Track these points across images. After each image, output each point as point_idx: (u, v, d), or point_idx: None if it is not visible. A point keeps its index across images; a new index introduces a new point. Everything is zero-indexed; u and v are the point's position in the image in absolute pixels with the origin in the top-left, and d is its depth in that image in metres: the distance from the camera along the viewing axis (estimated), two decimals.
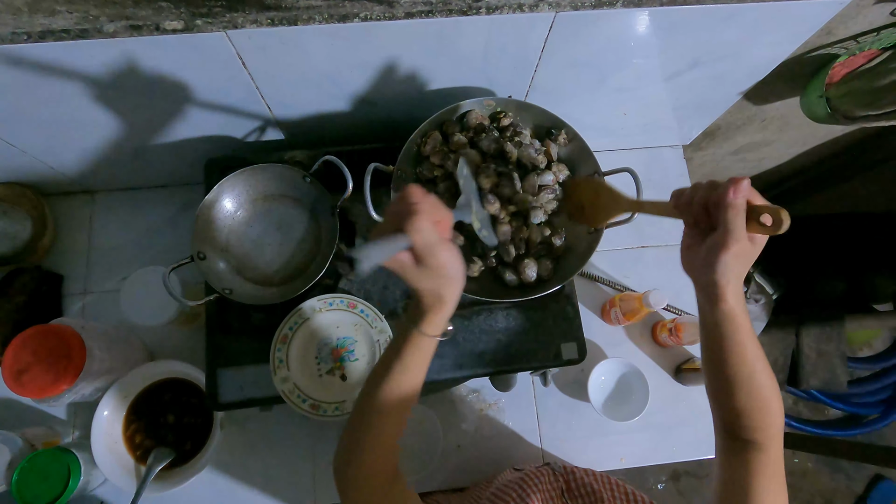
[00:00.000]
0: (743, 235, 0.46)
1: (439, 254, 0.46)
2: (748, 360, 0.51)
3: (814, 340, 1.69)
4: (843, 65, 0.85)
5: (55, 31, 0.60)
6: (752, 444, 0.53)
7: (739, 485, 0.52)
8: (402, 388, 0.54)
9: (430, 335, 0.52)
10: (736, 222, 0.45)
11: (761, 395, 0.52)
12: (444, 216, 0.48)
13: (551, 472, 0.70)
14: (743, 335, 0.50)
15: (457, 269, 0.49)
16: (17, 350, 0.76)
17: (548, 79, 0.82)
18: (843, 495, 1.88)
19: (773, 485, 0.52)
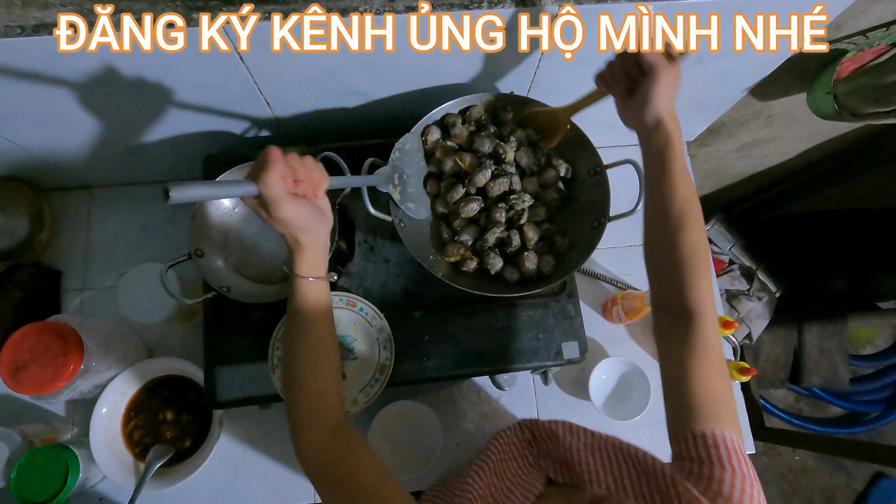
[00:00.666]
0: (665, 63, 0.57)
1: (282, 207, 0.49)
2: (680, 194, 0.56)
3: (816, 338, 1.68)
4: (852, 60, 0.84)
5: (49, 24, 0.59)
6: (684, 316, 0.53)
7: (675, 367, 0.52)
8: (307, 334, 0.57)
9: (301, 276, 0.56)
10: (657, 56, 0.57)
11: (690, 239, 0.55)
12: (314, 178, 0.53)
13: (518, 427, 0.73)
14: (678, 166, 0.57)
15: (304, 220, 0.52)
16: (14, 347, 0.75)
17: (550, 74, 0.81)
18: (843, 493, 1.88)
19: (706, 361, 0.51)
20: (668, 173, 0.57)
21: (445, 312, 0.80)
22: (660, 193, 0.57)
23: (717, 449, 0.47)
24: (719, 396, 0.50)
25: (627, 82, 0.61)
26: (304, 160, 0.53)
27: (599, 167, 0.77)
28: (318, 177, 0.54)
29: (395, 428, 0.91)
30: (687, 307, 0.54)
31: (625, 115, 0.63)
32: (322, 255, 0.58)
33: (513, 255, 0.76)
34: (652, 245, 0.59)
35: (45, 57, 0.63)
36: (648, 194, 0.60)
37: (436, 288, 0.81)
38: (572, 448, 0.61)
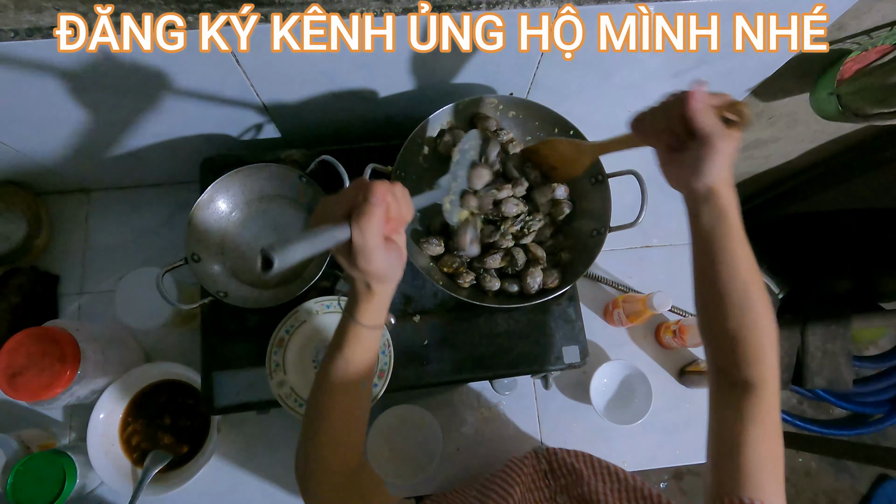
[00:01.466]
0: (724, 132, 0.47)
1: (374, 260, 0.44)
2: (741, 274, 0.49)
3: (819, 339, 1.67)
4: (855, 61, 0.83)
5: (43, 28, 0.58)
6: (745, 387, 0.50)
7: (731, 434, 0.48)
8: (347, 379, 0.52)
9: (363, 325, 0.51)
10: (713, 123, 0.47)
11: (754, 315, 0.50)
12: (402, 214, 0.47)
13: (535, 456, 0.70)
14: (737, 243, 0.49)
15: (390, 271, 0.48)
16: (10, 352, 0.75)
17: (550, 76, 0.80)
18: (847, 495, 1.87)
19: (767, 433, 0.48)
20: (725, 252, 0.49)
21: (445, 317, 0.79)
22: (714, 276, 0.50)
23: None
24: (772, 467, 0.48)
25: (670, 140, 0.51)
26: (396, 190, 0.46)
27: (601, 175, 0.77)
28: (406, 212, 0.47)
29: (394, 433, 0.91)
30: (750, 380, 0.50)
31: (667, 173, 0.53)
32: (388, 302, 0.52)
33: (516, 273, 0.76)
34: (708, 325, 0.53)
35: (41, 61, 0.62)
36: (700, 274, 0.52)
37: (435, 292, 0.80)
38: (598, 492, 0.58)
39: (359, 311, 0.50)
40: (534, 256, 0.75)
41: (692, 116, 0.47)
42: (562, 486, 0.64)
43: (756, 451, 0.47)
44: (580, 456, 0.68)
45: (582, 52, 0.74)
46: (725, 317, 0.50)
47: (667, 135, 0.50)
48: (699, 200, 0.50)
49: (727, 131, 0.47)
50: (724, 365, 0.52)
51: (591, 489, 0.59)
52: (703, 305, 0.53)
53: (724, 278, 0.49)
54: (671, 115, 0.49)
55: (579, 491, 0.60)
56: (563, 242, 0.78)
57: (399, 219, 0.47)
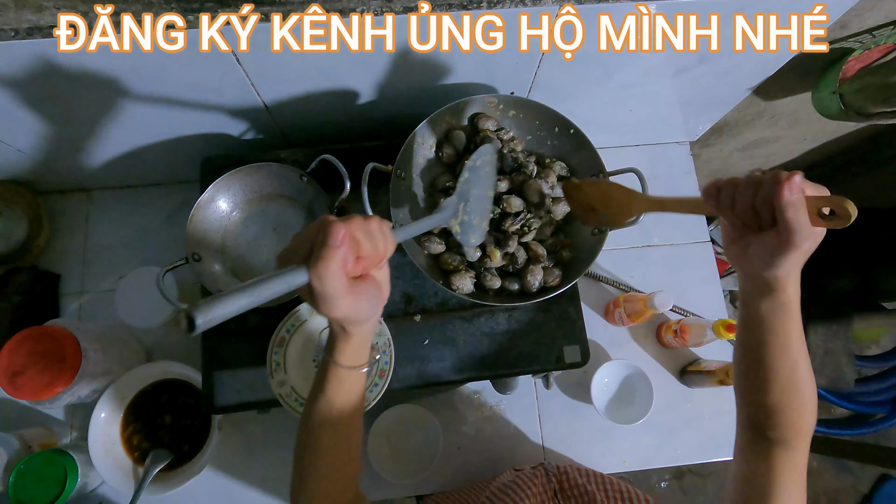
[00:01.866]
0: (810, 232, 0.42)
1: (338, 307, 0.40)
2: (791, 353, 0.48)
3: (820, 338, 1.66)
4: (858, 59, 0.83)
5: (43, 27, 0.58)
6: (780, 443, 0.50)
7: (762, 484, 0.49)
8: (331, 419, 0.50)
9: (342, 366, 0.48)
10: (800, 220, 0.42)
11: (799, 391, 0.49)
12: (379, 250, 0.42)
13: (544, 473, 0.69)
14: (792, 326, 0.47)
15: (361, 314, 0.43)
16: (11, 352, 0.75)
17: (551, 75, 0.80)
18: (848, 495, 1.87)
19: (796, 485, 0.49)
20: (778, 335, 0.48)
21: (445, 316, 0.79)
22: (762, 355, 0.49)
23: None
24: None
25: (747, 220, 0.46)
26: (369, 226, 0.41)
27: (602, 174, 0.76)
28: (383, 247, 0.43)
29: (395, 432, 0.91)
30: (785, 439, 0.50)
31: (731, 252, 0.49)
32: (368, 342, 0.49)
33: (517, 271, 0.76)
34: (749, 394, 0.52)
35: (42, 60, 0.62)
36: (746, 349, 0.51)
37: (435, 291, 0.80)
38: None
39: (337, 351, 0.48)
40: (534, 255, 0.75)
41: (783, 208, 0.42)
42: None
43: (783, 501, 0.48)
44: (592, 477, 0.66)
45: (582, 50, 0.74)
46: (769, 391, 0.49)
47: (749, 216, 0.45)
48: (762, 289, 0.47)
49: (813, 231, 0.43)
50: (760, 425, 0.51)
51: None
52: (745, 376, 0.52)
53: (773, 357, 0.48)
54: (757, 196, 0.44)
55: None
56: (564, 241, 0.78)
57: (375, 255, 0.42)
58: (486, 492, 0.70)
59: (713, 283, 1.04)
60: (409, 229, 0.51)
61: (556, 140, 0.80)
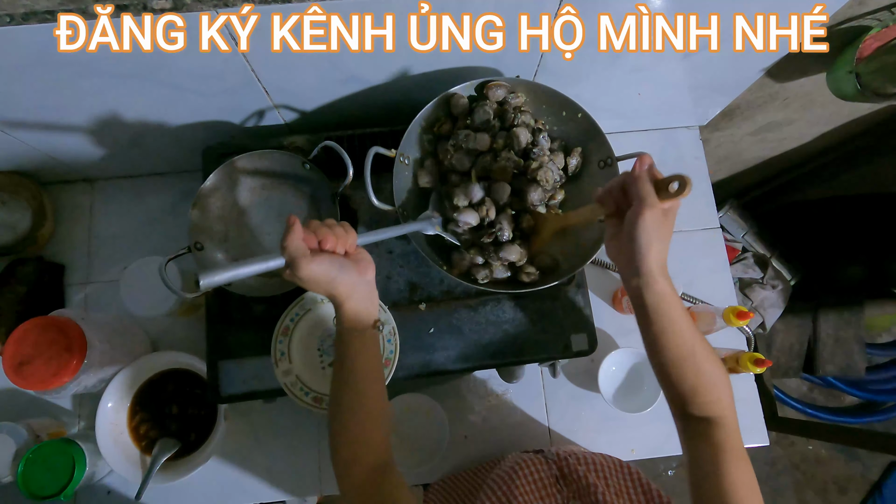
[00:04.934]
0: (654, 201, 0.51)
1: (302, 266, 0.50)
2: (687, 338, 0.54)
3: (832, 326, 1.64)
4: (876, 37, 0.80)
5: (38, 12, 0.57)
6: (709, 421, 0.55)
7: (708, 464, 0.53)
8: (352, 383, 0.57)
9: (349, 328, 0.56)
10: (644, 189, 0.51)
11: (706, 369, 0.55)
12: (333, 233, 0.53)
13: (544, 461, 0.69)
14: (677, 313, 0.54)
15: (329, 274, 0.52)
16: (17, 342, 0.75)
17: (557, 59, 0.78)
18: (857, 483, 1.86)
19: (737, 459, 0.53)
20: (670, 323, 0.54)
21: (451, 304, 0.78)
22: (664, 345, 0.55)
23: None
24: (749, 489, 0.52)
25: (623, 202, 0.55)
26: (326, 221, 0.54)
27: (610, 159, 0.75)
28: (341, 232, 0.54)
29: (401, 421, 0.90)
30: (711, 417, 0.55)
31: (610, 246, 0.58)
32: (364, 305, 0.57)
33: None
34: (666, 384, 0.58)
35: (42, 49, 0.61)
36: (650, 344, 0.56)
37: (440, 279, 0.79)
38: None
39: (337, 316, 0.57)
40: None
41: (632, 182, 0.52)
42: (574, 491, 0.63)
43: (736, 483, 0.51)
44: (592, 464, 0.67)
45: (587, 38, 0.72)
46: (680, 377, 0.55)
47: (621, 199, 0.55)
48: (640, 286, 0.53)
49: (655, 200, 0.51)
50: (687, 408, 0.57)
51: (605, 500, 0.59)
52: (658, 369, 0.58)
53: (673, 345, 0.54)
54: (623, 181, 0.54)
55: (592, 500, 0.60)
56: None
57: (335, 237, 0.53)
58: (490, 476, 0.70)
59: (723, 270, 1.02)
60: (376, 233, 0.61)
61: (563, 125, 0.79)
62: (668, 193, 0.51)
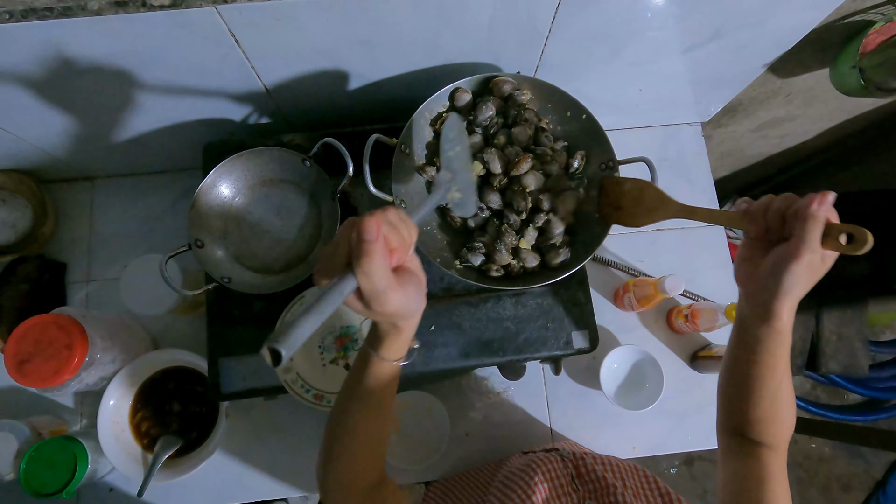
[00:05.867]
0: (817, 247, 0.44)
1: (390, 301, 0.40)
2: (778, 374, 0.51)
3: (835, 324, 1.64)
4: (880, 32, 0.79)
5: (37, 9, 0.57)
6: (764, 445, 0.54)
7: (752, 481, 0.52)
8: (366, 410, 0.51)
9: (388, 360, 0.49)
10: (813, 233, 0.44)
11: (781, 407, 0.53)
12: (405, 238, 0.42)
13: (560, 458, 0.68)
14: (782, 351, 0.50)
15: (411, 306, 0.44)
16: (18, 340, 0.75)
17: (558, 53, 0.77)
18: (861, 481, 1.85)
19: (783, 483, 0.52)
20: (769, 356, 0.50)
21: (451, 302, 0.78)
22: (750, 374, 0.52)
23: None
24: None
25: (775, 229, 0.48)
26: (389, 216, 0.41)
27: (612, 162, 0.74)
28: (407, 234, 0.43)
29: (402, 419, 0.90)
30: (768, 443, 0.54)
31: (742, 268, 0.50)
32: (412, 334, 0.49)
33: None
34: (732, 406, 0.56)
35: (41, 46, 0.61)
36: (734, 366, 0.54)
37: (441, 276, 0.79)
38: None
39: (383, 347, 0.48)
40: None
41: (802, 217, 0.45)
42: (590, 491, 0.62)
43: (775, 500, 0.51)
44: (609, 466, 0.65)
45: (591, 27, 0.71)
46: (754, 405, 0.53)
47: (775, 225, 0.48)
48: (761, 314, 0.48)
49: (818, 246, 0.44)
50: (742, 431, 0.55)
51: (625, 501, 0.58)
52: (732, 388, 0.55)
53: (762, 377, 0.51)
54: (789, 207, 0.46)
55: (611, 500, 0.59)
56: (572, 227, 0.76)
57: (403, 245, 0.42)
58: (498, 477, 0.69)
59: (725, 266, 1.02)
60: (422, 211, 0.51)
61: (567, 125, 0.78)
62: (835, 243, 0.44)
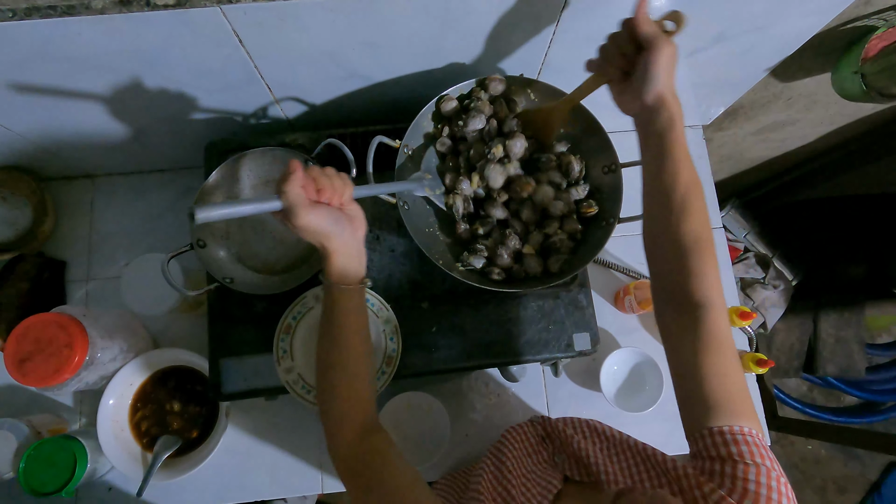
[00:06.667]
0: (663, 35, 0.53)
1: (301, 214, 0.49)
2: (683, 178, 0.53)
3: (832, 326, 1.64)
4: (882, 37, 0.80)
5: (41, 7, 0.57)
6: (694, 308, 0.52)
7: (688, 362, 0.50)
8: (338, 340, 0.57)
9: (332, 283, 0.56)
10: (654, 30, 0.53)
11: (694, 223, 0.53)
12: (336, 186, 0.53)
13: (529, 424, 0.73)
14: (680, 150, 0.54)
15: (325, 226, 0.52)
16: (18, 339, 0.75)
17: (562, 56, 0.78)
18: (857, 483, 1.86)
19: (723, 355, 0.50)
20: (670, 157, 0.54)
21: (453, 303, 0.78)
22: (661, 180, 0.54)
23: (737, 445, 0.46)
24: (734, 390, 0.48)
25: (622, 63, 0.57)
26: (325, 170, 0.53)
27: (614, 165, 0.75)
28: (339, 184, 0.53)
29: (403, 419, 0.90)
30: (694, 298, 0.52)
31: (621, 100, 0.59)
32: (353, 262, 0.57)
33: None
34: (652, 235, 0.57)
35: (42, 43, 0.61)
36: (648, 181, 0.57)
37: (443, 278, 0.79)
38: (587, 451, 0.60)
39: (325, 270, 0.57)
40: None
41: (637, 26, 0.53)
42: (558, 447, 0.67)
43: (716, 377, 0.48)
44: (568, 421, 0.71)
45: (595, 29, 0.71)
46: (668, 222, 0.54)
47: (620, 59, 0.56)
48: (651, 111, 0.55)
49: (666, 36, 0.53)
50: (668, 287, 0.55)
51: (579, 447, 0.61)
52: (648, 213, 0.57)
53: (668, 183, 0.54)
54: (619, 39, 0.55)
55: (572, 450, 0.63)
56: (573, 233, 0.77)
57: (332, 188, 0.52)
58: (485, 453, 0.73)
59: (725, 269, 1.02)
60: (372, 187, 0.62)
61: (569, 127, 0.78)
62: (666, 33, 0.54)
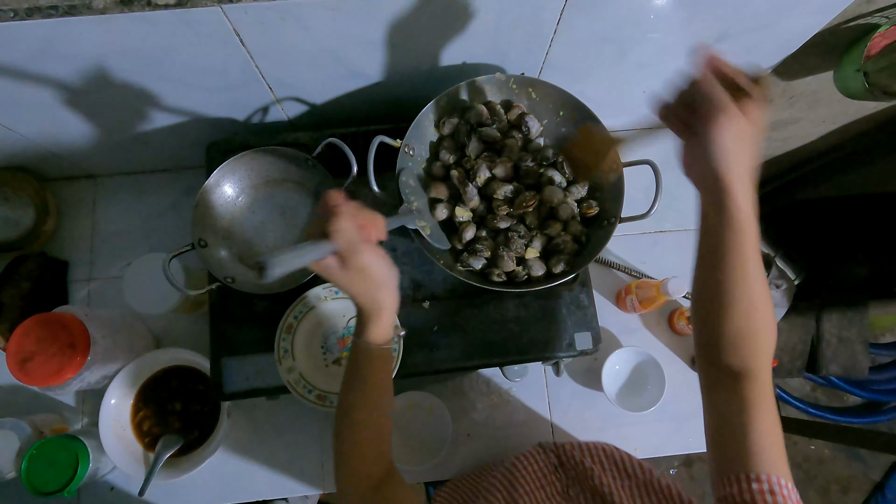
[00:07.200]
0: (728, 104, 0.41)
1: (362, 254, 0.45)
2: (749, 277, 0.46)
3: (835, 326, 1.64)
4: (884, 35, 0.79)
5: (42, 7, 0.57)
6: (743, 374, 0.48)
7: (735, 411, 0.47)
8: (366, 399, 0.55)
9: (375, 344, 0.52)
10: (713, 90, 0.41)
11: (757, 317, 0.47)
12: (371, 219, 0.48)
13: (542, 451, 0.70)
14: (749, 246, 0.45)
15: (384, 272, 0.49)
16: (20, 338, 0.75)
17: (563, 54, 0.77)
18: (860, 483, 1.85)
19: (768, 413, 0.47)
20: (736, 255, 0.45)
21: (454, 303, 0.78)
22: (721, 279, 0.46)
23: (773, 496, 0.42)
24: (776, 441, 0.46)
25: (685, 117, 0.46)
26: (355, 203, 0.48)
27: (615, 164, 0.74)
28: (374, 218, 0.49)
29: (404, 419, 0.90)
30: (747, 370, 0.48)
31: (686, 162, 0.48)
32: (394, 316, 0.53)
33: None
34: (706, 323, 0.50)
35: (40, 42, 0.61)
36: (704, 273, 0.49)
37: (444, 278, 0.79)
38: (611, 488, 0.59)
39: (368, 331, 0.52)
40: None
41: (696, 87, 0.43)
42: (572, 478, 0.64)
43: (763, 434, 0.46)
44: (587, 450, 0.68)
45: (597, 28, 0.71)
46: (728, 319, 0.47)
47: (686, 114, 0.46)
48: (714, 199, 0.45)
49: (729, 103, 0.41)
50: (720, 356, 0.49)
51: (601, 483, 0.59)
52: (701, 308, 0.50)
53: (730, 281, 0.46)
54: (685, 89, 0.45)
55: (590, 484, 0.60)
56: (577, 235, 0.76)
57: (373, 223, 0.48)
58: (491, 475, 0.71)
59: None
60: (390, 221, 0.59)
61: (571, 127, 0.78)
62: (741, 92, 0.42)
